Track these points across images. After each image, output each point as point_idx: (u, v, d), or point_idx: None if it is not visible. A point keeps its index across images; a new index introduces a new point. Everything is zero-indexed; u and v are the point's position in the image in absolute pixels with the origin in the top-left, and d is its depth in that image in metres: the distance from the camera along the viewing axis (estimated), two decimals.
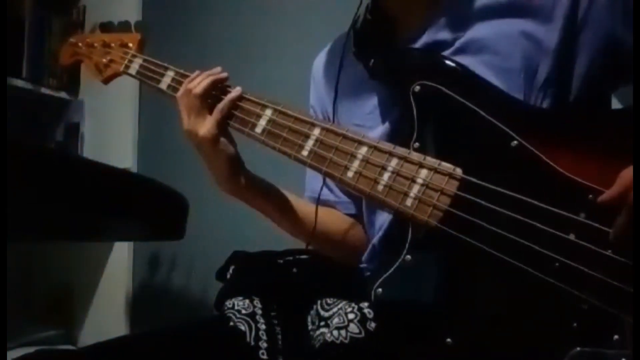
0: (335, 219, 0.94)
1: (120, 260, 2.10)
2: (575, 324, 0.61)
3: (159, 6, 2.10)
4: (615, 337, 0.59)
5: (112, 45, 1.01)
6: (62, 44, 1.10)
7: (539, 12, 0.75)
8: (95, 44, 1.03)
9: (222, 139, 0.84)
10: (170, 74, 0.92)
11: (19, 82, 1.98)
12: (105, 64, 1.00)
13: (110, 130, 2.14)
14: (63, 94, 2.17)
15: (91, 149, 2.17)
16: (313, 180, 0.98)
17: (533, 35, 0.75)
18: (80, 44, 1.05)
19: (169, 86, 0.92)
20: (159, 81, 0.93)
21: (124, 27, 1.04)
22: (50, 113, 2.24)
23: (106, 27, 1.06)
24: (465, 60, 0.75)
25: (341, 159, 0.76)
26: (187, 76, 0.90)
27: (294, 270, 0.86)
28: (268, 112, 0.83)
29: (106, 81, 1.01)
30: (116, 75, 1.00)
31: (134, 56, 0.98)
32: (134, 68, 0.97)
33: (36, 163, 0.88)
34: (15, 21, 2.00)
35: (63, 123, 2.23)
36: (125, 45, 1.00)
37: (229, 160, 0.85)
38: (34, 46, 2.04)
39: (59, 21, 2.14)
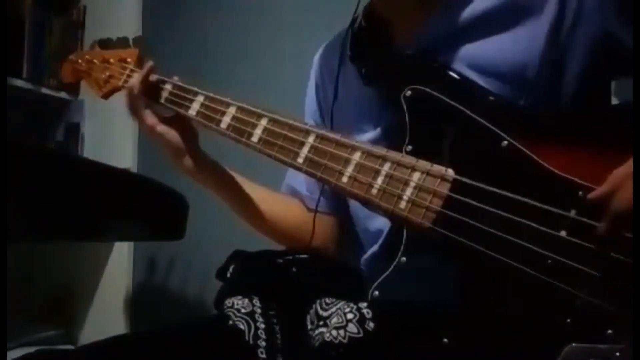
0: (296, 212, 1.00)
1: (120, 260, 2.10)
2: (569, 320, 0.62)
3: (159, 7, 2.10)
4: (609, 332, 0.60)
5: (111, 61, 1.03)
6: (62, 62, 1.12)
7: (527, 16, 0.76)
8: (95, 61, 1.05)
9: (163, 130, 0.90)
10: (167, 87, 0.94)
11: (19, 82, 1.98)
12: (104, 79, 1.02)
13: (110, 130, 2.14)
14: (63, 94, 2.18)
15: (91, 149, 2.17)
16: (290, 176, 1.04)
17: (522, 40, 0.76)
18: (79, 61, 1.07)
19: (166, 99, 0.93)
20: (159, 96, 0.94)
21: (122, 43, 1.06)
22: (50, 113, 2.24)
23: (104, 43, 1.08)
24: (455, 65, 0.77)
25: (336, 165, 0.77)
26: (185, 89, 0.92)
27: (294, 269, 0.86)
28: (264, 122, 0.84)
29: (106, 96, 1.03)
30: (115, 90, 1.02)
31: (132, 71, 0.99)
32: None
33: (36, 163, 0.88)
34: (15, 21, 2.00)
35: (63, 123, 2.23)
36: (124, 61, 1.02)
37: (171, 148, 0.91)
38: (34, 46, 2.05)
39: (59, 21, 2.15)
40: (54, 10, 2.14)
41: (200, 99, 0.90)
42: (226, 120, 0.87)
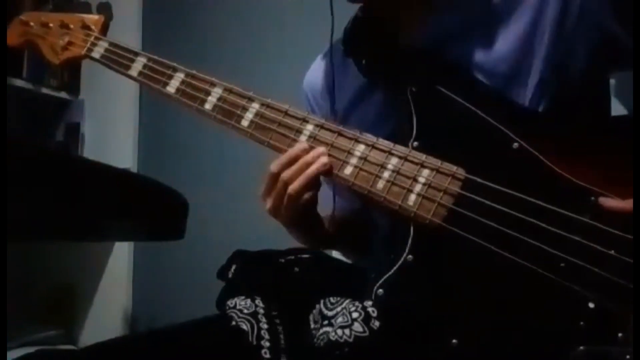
0: None
1: (120, 260, 2.10)
2: (582, 323, 0.61)
3: (159, 7, 2.10)
4: (620, 334, 0.60)
5: (71, 26, 0.94)
6: (10, 22, 1.00)
7: (529, 15, 0.76)
8: (51, 24, 0.95)
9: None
10: (141, 59, 0.87)
11: (19, 82, 1.98)
12: (62, 46, 0.93)
13: (110, 130, 2.14)
14: (63, 94, 2.17)
15: (91, 149, 2.17)
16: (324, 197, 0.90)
17: (524, 39, 0.76)
18: (32, 23, 0.97)
19: (140, 73, 0.87)
20: (128, 67, 0.88)
21: (83, 8, 0.98)
22: (50, 113, 2.24)
23: (62, 6, 0.99)
24: (461, 60, 0.76)
25: (338, 156, 0.74)
26: (161, 62, 0.86)
27: (296, 269, 0.85)
28: (255, 105, 0.80)
29: (64, 64, 0.95)
30: (76, 58, 0.93)
31: (97, 39, 0.91)
32: (97, 52, 0.91)
33: (36, 163, 0.88)
34: None
35: (63, 123, 2.23)
36: (86, 27, 0.93)
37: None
38: None
39: None
40: (54, 10, 2.13)
41: (180, 75, 0.84)
42: (211, 100, 0.82)
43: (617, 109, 0.90)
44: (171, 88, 0.84)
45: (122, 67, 0.88)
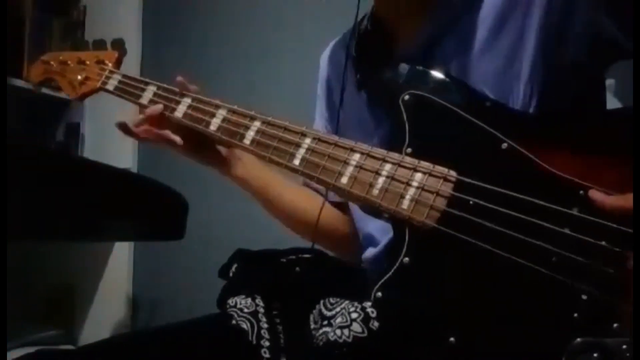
0: (315, 205, 0.97)
1: (120, 260, 2.10)
2: (575, 315, 0.62)
3: (159, 7, 2.10)
4: (615, 325, 0.60)
5: (87, 62, 1.01)
6: (33, 62, 1.09)
7: (520, 16, 0.76)
8: (69, 62, 1.03)
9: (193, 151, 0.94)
10: (151, 88, 0.93)
11: (19, 82, 1.98)
12: (80, 81, 1.00)
13: (110, 130, 2.13)
14: (63, 94, 2.17)
15: (91, 149, 2.17)
16: None
17: (516, 40, 0.77)
18: (52, 62, 1.05)
19: (150, 101, 0.92)
20: (139, 96, 0.93)
21: (99, 45, 1.04)
22: (50, 113, 2.24)
23: (79, 45, 1.07)
24: (452, 62, 0.78)
25: (334, 166, 0.77)
26: (169, 90, 0.91)
27: (297, 269, 0.86)
28: (257, 124, 0.83)
29: (81, 98, 1.02)
30: (92, 91, 1.00)
31: (111, 72, 0.97)
32: (112, 84, 0.97)
33: (36, 163, 0.88)
34: (15, 21, 2.00)
35: (63, 123, 2.23)
36: (101, 62, 1.00)
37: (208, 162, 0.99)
38: (34, 46, 2.04)
39: (59, 21, 2.15)
40: (54, 10, 2.14)
41: (187, 100, 0.90)
42: (216, 122, 0.87)
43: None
44: (179, 113, 0.90)
45: (134, 96, 0.94)
